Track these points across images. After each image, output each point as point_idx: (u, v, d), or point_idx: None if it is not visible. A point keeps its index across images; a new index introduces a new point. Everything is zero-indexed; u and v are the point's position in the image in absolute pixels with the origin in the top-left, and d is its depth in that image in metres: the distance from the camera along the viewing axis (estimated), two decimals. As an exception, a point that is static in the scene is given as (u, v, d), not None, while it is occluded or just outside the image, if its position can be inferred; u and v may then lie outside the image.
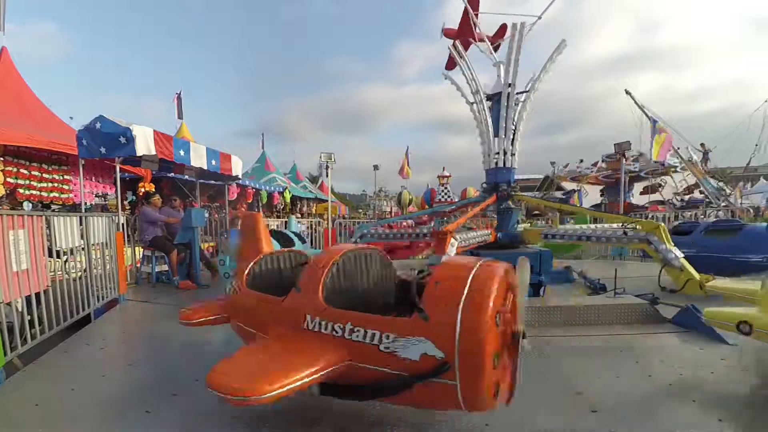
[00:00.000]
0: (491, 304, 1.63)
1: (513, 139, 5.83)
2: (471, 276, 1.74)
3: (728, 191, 15.34)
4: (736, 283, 3.47)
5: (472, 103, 6.18)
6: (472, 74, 6.20)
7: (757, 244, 5.75)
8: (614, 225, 6.18)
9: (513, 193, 6.00)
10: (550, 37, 6.32)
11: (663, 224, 5.39)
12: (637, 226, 5.49)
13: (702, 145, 17.34)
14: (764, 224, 6.51)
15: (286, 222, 10.27)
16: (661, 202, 17.52)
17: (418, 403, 1.98)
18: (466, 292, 1.68)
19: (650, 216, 10.73)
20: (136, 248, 6.85)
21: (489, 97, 6.09)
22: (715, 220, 9.61)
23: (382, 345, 1.78)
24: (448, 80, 6.56)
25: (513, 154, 5.86)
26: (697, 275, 4.82)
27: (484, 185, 6.26)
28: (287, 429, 2.26)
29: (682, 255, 5.06)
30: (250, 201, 14.91)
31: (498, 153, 5.86)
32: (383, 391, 1.86)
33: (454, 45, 6.34)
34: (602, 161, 17.55)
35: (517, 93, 5.93)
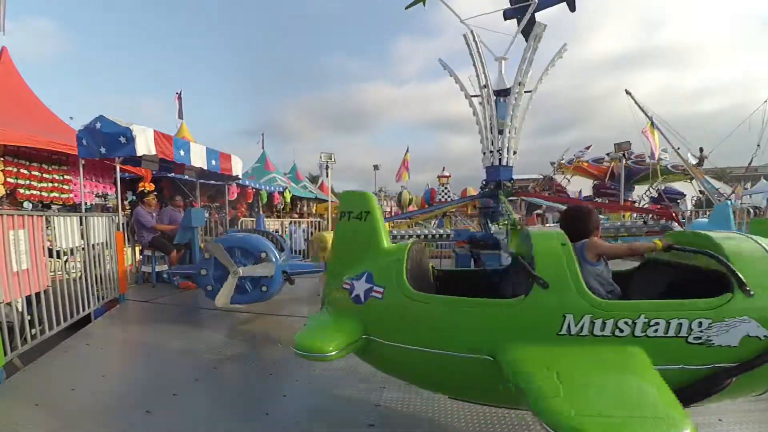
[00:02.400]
0: None
1: (512, 137, 5.85)
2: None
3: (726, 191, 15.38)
4: None
5: (475, 96, 6.19)
6: (483, 68, 6.17)
7: None
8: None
9: (511, 190, 6.00)
10: (553, 35, 6.31)
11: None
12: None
13: (701, 150, 17.28)
14: None
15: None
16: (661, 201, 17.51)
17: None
18: None
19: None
20: (136, 248, 6.86)
21: (495, 93, 6.10)
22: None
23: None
24: (448, 78, 6.56)
25: (513, 152, 5.87)
26: None
27: (483, 183, 6.27)
28: (284, 428, 2.26)
29: None
30: (250, 201, 14.91)
31: (495, 150, 5.87)
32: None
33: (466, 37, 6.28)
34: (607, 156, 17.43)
35: (525, 91, 5.95)
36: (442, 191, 18.62)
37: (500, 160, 5.89)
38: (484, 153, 6.09)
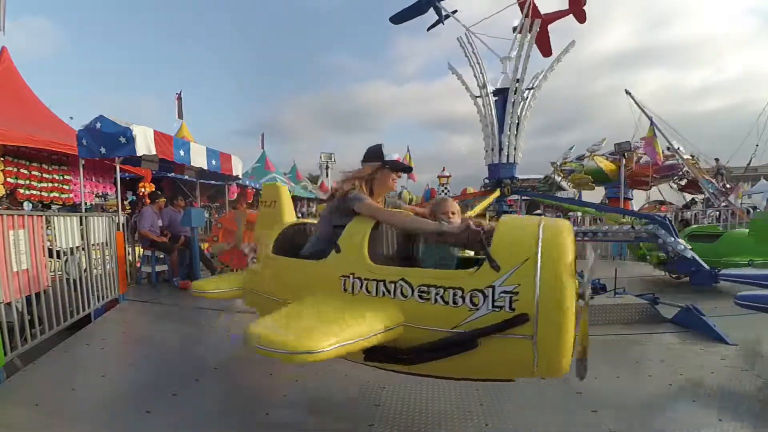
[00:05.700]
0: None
1: (517, 135, 5.87)
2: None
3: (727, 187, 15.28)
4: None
5: (477, 97, 6.21)
6: (480, 68, 6.22)
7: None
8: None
9: (516, 188, 6.03)
10: (555, 33, 6.34)
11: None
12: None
13: (716, 160, 16.99)
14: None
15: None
16: (662, 202, 17.46)
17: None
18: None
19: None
20: (136, 248, 6.85)
21: (495, 92, 6.12)
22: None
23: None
24: (449, 77, 6.58)
25: (515, 149, 5.89)
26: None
27: (486, 181, 6.29)
28: (284, 428, 2.26)
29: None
30: (250, 201, 14.91)
31: (494, 149, 5.90)
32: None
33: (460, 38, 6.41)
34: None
35: (525, 89, 5.97)
36: (442, 191, 18.66)
37: (507, 157, 5.90)
38: (488, 151, 6.10)
